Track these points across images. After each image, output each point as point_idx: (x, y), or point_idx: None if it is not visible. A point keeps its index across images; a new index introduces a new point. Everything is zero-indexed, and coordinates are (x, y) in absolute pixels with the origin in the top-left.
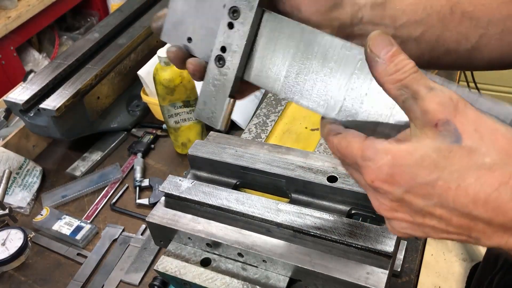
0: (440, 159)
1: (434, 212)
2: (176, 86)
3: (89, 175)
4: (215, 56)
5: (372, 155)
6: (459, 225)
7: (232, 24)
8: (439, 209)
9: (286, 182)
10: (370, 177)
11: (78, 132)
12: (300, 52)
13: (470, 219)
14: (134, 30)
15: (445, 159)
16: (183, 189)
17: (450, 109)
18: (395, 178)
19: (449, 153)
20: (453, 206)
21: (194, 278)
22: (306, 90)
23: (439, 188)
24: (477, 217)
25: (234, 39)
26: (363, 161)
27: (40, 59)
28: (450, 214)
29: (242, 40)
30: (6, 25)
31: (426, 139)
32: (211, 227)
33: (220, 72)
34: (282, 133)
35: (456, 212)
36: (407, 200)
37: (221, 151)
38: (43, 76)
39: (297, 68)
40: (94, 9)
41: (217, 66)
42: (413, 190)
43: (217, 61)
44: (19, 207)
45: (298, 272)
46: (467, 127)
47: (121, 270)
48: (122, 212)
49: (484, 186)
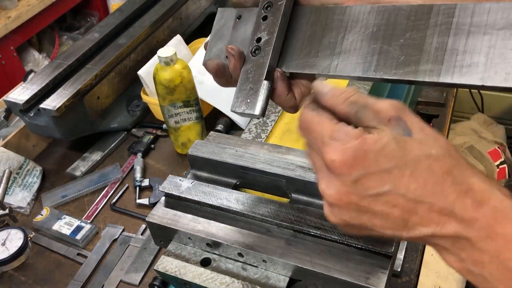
0: (398, 149)
1: (383, 198)
2: (176, 86)
3: (89, 175)
4: (251, 50)
5: (341, 136)
6: (404, 208)
7: (266, 17)
8: (389, 195)
9: (286, 182)
10: (332, 156)
11: (78, 132)
12: (334, 30)
13: (416, 203)
14: (134, 30)
15: (401, 149)
16: (183, 189)
17: (399, 108)
18: (356, 161)
19: (404, 144)
20: (403, 192)
21: (194, 278)
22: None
23: (393, 175)
24: (422, 201)
25: (268, 27)
26: (330, 140)
27: (40, 59)
28: (397, 199)
29: (275, 26)
30: (6, 25)
31: (385, 131)
32: (211, 227)
33: (256, 62)
34: (282, 133)
35: (404, 198)
36: (361, 184)
37: (221, 151)
38: (43, 76)
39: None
40: (94, 9)
41: (253, 56)
42: (370, 175)
43: (253, 51)
44: (19, 207)
45: (298, 272)
46: (415, 125)
47: (121, 270)
48: (122, 212)
49: (432, 173)
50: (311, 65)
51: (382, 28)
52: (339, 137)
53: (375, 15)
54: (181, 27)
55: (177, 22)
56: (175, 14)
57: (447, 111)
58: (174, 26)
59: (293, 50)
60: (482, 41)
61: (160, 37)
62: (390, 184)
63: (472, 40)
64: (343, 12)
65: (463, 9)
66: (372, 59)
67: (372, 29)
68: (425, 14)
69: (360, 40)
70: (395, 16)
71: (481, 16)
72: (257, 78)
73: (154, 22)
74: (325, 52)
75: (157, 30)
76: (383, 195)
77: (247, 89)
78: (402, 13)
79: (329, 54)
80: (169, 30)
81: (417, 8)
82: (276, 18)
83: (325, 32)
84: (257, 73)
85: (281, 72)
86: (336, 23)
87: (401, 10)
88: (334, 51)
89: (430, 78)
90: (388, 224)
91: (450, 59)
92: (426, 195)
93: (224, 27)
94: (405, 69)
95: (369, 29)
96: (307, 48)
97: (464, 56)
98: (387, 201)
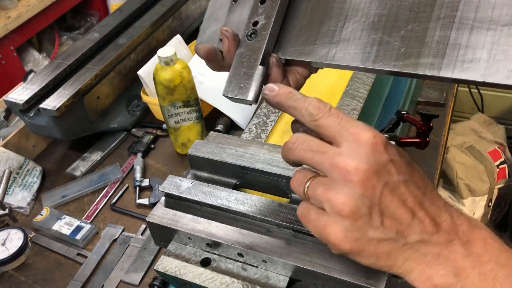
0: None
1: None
2: (176, 86)
3: (89, 175)
4: (247, 33)
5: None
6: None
7: (264, 0)
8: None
9: (286, 182)
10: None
11: (78, 132)
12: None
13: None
14: (134, 30)
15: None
16: (183, 189)
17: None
18: (400, 166)
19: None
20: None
21: (194, 278)
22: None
23: (429, 186)
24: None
25: (265, 11)
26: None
27: (40, 59)
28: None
29: (273, 10)
30: (6, 25)
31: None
32: (211, 227)
33: (252, 46)
34: (282, 133)
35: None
36: (406, 185)
37: (221, 151)
38: (43, 76)
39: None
40: (94, 9)
41: (248, 40)
42: (412, 180)
43: (249, 35)
44: (19, 207)
45: (298, 272)
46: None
47: (121, 270)
48: (122, 212)
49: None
50: (308, 52)
51: (384, 18)
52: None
53: (377, 5)
54: (181, 27)
55: (177, 22)
56: (175, 14)
57: (447, 111)
58: (174, 26)
59: (290, 36)
60: (485, 36)
61: (160, 37)
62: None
63: (475, 36)
64: (343, 0)
65: (468, 3)
66: (372, 49)
67: (373, 19)
68: (429, 7)
69: (360, 29)
70: (397, 6)
71: (486, 12)
72: (251, 63)
73: (154, 22)
74: (323, 40)
75: (157, 30)
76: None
77: (241, 74)
78: (405, 4)
79: (327, 42)
80: (169, 30)
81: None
82: (274, 2)
83: (324, 20)
84: (252, 57)
85: (277, 58)
86: (336, 10)
87: (404, 1)
88: (333, 40)
89: (431, 72)
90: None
91: (451, 54)
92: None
93: (219, 10)
94: (405, 61)
95: (370, 19)
96: (305, 34)
97: (466, 51)
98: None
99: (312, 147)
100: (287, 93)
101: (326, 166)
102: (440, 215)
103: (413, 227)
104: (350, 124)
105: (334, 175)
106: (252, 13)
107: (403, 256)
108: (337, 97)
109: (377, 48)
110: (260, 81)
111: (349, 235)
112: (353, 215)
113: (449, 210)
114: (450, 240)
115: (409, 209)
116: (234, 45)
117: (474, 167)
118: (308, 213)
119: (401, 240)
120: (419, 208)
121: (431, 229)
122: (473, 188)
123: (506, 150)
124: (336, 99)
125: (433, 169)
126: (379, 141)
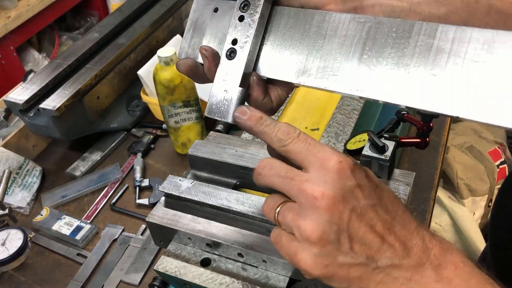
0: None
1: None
2: (176, 86)
3: (89, 175)
4: (226, 51)
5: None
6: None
7: (243, 17)
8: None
9: None
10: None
11: (78, 132)
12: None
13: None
14: (134, 30)
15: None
16: (183, 189)
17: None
18: (369, 191)
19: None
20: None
21: (194, 278)
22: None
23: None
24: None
25: (244, 29)
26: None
27: (40, 59)
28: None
29: (252, 29)
30: (6, 25)
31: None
32: (211, 227)
33: (231, 65)
34: None
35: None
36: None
37: (221, 151)
38: (43, 76)
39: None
40: (94, 9)
41: (228, 59)
42: (380, 204)
43: (229, 54)
44: (19, 207)
45: (298, 272)
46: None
47: (121, 270)
48: (122, 212)
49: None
50: (287, 71)
51: (361, 41)
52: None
53: (356, 26)
54: (181, 27)
55: (177, 22)
56: (175, 14)
57: None
58: (174, 26)
59: (270, 53)
60: (460, 70)
61: (160, 37)
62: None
63: (450, 67)
64: (322, 19)
65: (445, 31)
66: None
67: (352, 40)
68: (406, 32)
69: (337, 51)
70: (375, 30)
71: (462, 45)
72: (232, 82)
73: (154, 22)
74: (301, 60)
75: (157, 30)
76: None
77: (221, 94)
78: (382, 28)
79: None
80: (169, 30)
81: (399, 24)
82: (253, 20)
83: (303, 38)
84: (232, 77)
85: (257, 76)
86: (314, 29)
87: (382, 24)
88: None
89: (402, 102)
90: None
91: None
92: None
93: (200, 19)
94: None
95: (348, 40)
96: (284, 53)
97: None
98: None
99: (280, 172)
100: (258, 119)
101: (294, 192)
102: (411, 238)
103: (384, 251)
104: (317, 149)
105: (302, 201)
106: (230, 30)
107: (375, 280)
108: (337, 98)
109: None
110: (240, 102)
111: (318, 261)
112: (322, 242)
113: (421, 233)
114: (421, 264)
115: (378, 233)
116: (214, 64)
117: (474, 167)
118: (280, 239)
119: (372, 264)
120: (389, 232)
121: (402, 253)
122: (473, 188)
123: (506, 150)
124: (336, 99)
125: (433, 169)
126: (346, 166)
